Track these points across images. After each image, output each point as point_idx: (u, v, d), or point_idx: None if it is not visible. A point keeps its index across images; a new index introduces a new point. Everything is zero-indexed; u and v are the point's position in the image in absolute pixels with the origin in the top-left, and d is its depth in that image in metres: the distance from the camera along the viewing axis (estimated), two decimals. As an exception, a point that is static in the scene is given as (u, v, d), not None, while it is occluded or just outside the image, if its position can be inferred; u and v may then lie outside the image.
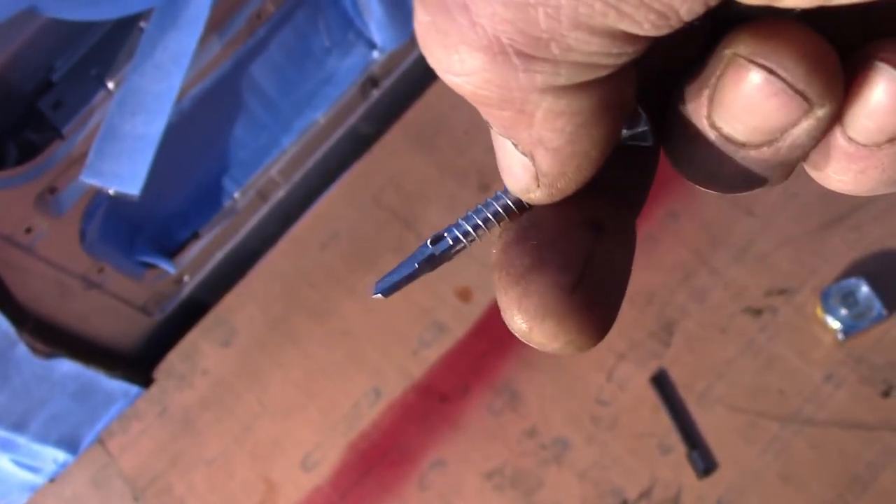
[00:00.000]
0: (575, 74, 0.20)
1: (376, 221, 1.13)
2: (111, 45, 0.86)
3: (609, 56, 0.20)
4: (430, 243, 0.26)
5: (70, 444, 1.06)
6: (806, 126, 0.21)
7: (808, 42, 0.21)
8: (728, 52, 0.21)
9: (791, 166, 0.23)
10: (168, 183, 1.01)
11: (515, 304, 0.23)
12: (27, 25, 0.80)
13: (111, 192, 0.87)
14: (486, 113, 0.22)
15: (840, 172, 0.23)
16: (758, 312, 0.98)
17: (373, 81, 1.16)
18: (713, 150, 0.23)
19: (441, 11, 0.20)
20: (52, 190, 0.88)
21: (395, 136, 1.17)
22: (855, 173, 0.23)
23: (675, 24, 0.19)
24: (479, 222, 0.26)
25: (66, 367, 0.99)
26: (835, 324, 0.94)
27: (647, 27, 0.19)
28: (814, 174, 0.24)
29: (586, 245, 0.24)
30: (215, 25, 0.93)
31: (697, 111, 0.23)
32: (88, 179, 0.85)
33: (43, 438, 1.02)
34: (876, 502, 0.89)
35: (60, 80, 0.85)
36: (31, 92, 0.85)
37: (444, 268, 0.27)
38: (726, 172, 0.23)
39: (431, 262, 0.26)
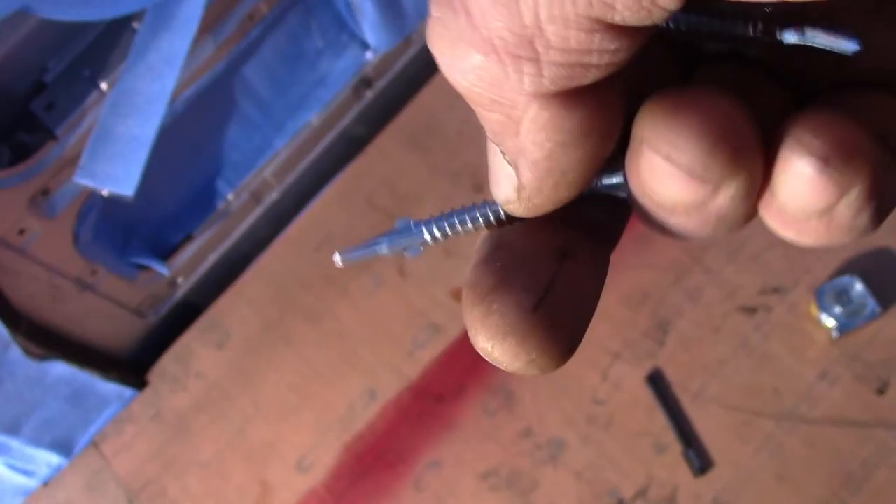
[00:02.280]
0: (558, 76, 0.21)
1: (370, 223, 1.13)
2: (104, 46, 0.86)
3: (590, 53, 0.20)
4: (398, 229, 0.27)
5: (64, 447, 1.06)
6: (722, 201, 0.21)
7: (710, 118, 0.21)
8: (636, 128, 0.22)
9: (734, 226, 0.23)
10: (161, 185, 1.01)
11: (479, 322, 0.24)
12: (20, 26, 0.80)
13: (105, 193, 0.87)
14: (480, 114, 0.23)
15: (781, 231, 0.23)
16: (752, 311, 0.99)
17: (366, 83, 1.16)
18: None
19: (447, 8, 0.21)
20: (46, 191, 0.88)
21: (388, 138, 1.17)
22: (796, 233, 0.22)
23: (651, 9, 0.19)
24: (452, 224, 0.26)
25: (60, 369, 0.98)
26: (829, 322, 0.94)
27: (620, 8, 0.19)
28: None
29: (550, 269, 0.24)
30: (208, 27, 0.93)
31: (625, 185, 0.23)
32: (82, 181, 0.84)
33: (36, 442, 1.02)
34: (871, 500, 0.89)
35: (53, 81, 0.85)
36: (24, 93, 0.85)
37: (438, 269, 0.28)
38: (672, 231, 0.24)
39: (392, 247, 0.27)
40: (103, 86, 0.86)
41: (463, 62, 0.21)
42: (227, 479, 1.04)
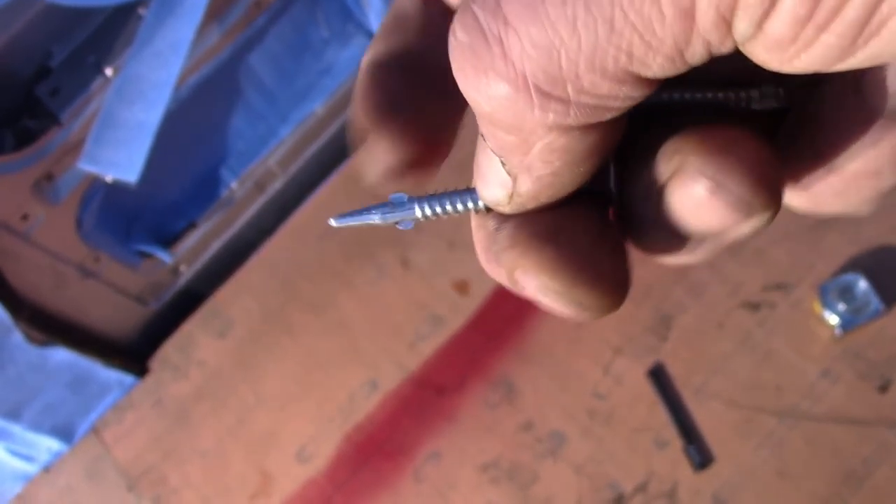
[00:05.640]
0: (583, 116, 0.22)
1: (374, 213, 1.12)
2: (110, 31, 0.86)
3: (616, 99, 0.22)
4: (391, 198, 0.28)
5: (64, 433, 1.06)
6: (748, 227, 0.24)
7: (757, 155, 0.23)
8: (677, 158, 0.24)
9: (732, 246, 0.26)
10: (165, 172, 1.01)
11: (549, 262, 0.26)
12: (25, 10, 0.80)
13: (108, 179, 0.86)
14: (489, 132, 0.24)
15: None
16: (755, 307, 0.98)
17: (372, 73, 1.16)
18: (658, 235, 0.26)
19: (479, 37, 0.22)
20: (49, 177, 0.88)
21: (393, 129, 1.16)
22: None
23: (680, 66, 0.21)
24: (444, 204, 0.28)
25: (62, 355, 0.98)
26: (833, 319, 0.94)
27: (656, 69, 0.21)
28: None
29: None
30: (214, 14, 0.93)
31: (643, 205, 0.25)
32: (86, 166, 0.84)
33: (37, 427, 1.02)
34: (871, 498, 0.89)
35: (58, 66, 0.85)
36: (29, 78, 0.85)
37: (442, 260, 0.29)
38: (670, 253, 0.27)
39: (385, 218, 0.28)
40: (108, 71, 0.86)
41: (489, 90, 0.22)
42: (228, 467, 1.04)
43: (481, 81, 0.22)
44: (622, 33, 0.20)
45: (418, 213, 0.28)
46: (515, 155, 0.24)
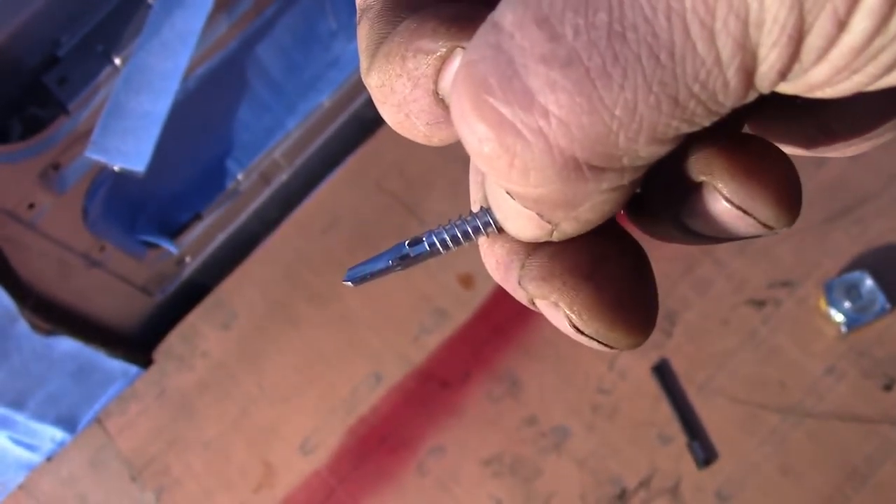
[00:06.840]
0: (636, 174, 0.22)
1: (379, 206, 1.12)
2: (118, 21, 0.86)
3: (665, 151, 0.22)
4: (408, 245, 0.27)
5: (68, 423, 1.06)
6: (767, 235, 0.24)
7: (783, 178, 0.23)
8: (703, 179, 0.24)
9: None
10: (171, 163, 1.01)
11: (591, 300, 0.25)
12: (34, -1, 0.80)
13: (116, 168, 0.86)
14: (531, 206, 0.23)
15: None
16: (760, 304, 0.98)
17: (378, 66, 1.15)
18: (669, 227, 0.26)
19: (511, 133, 0.21)
20: (56, 166, 0.88)
21: (399, 122, 1.16)
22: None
23: (723, 113, 0.21)
24: (459, 235, 0.27)
25: (66, 345, 0.98)
26: (838, 317, 0.94)
27: (707, 123, 0.21)
28: None
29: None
30: (223, 5, 0.93)
31: (665, 209, 0.25)
32: (93, 156, 0.84)
33: (41, 417, 1.02)
34: (874, 495, 0.89)
35: (66, 55, 0.85)
36: (37, 66, 0.84)
37: (446, 254, 0.28)
38: (682, 241, 0.27)
39: (405, 263, 0.28)
40: (117, 61, 0.86)
41: (531, 179, 0.21)
42: (231, 459, 1.04)
43: (522, 177, 0.22)
44: (686, 106, 0.20)
45: (440, 248, 0.27)
46: (559, 212, 0.23)
